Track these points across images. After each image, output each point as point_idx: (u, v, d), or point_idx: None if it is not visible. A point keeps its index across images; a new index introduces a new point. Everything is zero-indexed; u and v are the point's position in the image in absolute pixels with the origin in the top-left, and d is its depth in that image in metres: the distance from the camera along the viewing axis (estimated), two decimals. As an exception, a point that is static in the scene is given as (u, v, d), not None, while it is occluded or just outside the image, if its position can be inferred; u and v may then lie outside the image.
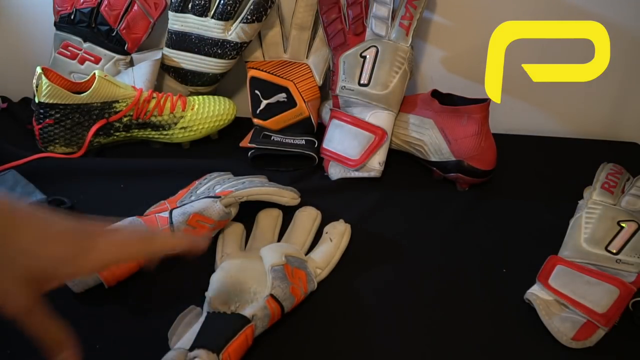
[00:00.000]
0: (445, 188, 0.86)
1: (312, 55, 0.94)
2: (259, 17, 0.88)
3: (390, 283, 0.68)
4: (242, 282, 0.61)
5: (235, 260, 0.65)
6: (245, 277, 0.62)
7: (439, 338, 0.61)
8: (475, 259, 0.73)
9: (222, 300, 0.59)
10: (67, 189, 0.79)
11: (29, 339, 0.43)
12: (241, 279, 0.62)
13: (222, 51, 0.91)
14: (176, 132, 0.89)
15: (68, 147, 0.86)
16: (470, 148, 0.82)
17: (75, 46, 0.94)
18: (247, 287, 0.61)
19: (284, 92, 0.91)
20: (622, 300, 0.64)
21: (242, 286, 0.61)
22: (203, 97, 0.93)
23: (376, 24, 0.88)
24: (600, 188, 0.77)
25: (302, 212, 0.76)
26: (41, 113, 0.83)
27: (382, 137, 0.85)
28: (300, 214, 0.75)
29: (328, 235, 0.72)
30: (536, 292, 0.65)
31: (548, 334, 0.62)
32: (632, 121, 1.03)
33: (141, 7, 0.92)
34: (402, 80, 0.87)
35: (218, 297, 0.59)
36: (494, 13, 0.92)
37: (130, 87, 0.86)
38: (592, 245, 0.69)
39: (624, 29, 0.93)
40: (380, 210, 0.81)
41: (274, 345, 0.59)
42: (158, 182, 0.82)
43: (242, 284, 0.61)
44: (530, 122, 1.03)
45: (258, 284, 0.61)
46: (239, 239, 0.71)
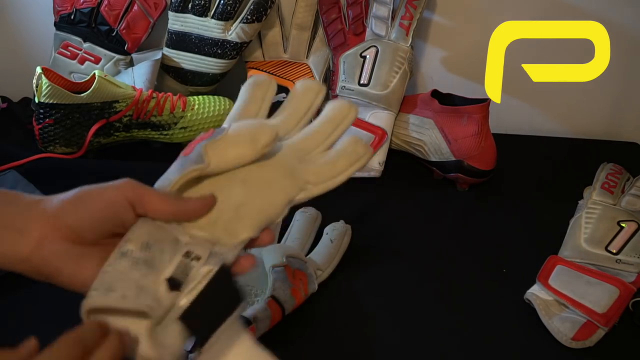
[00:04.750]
0: (445, 188, 0.86)
1: (312, 55, 0.94)
2: (259, 17, 0.88)
3: (391, 284, 0.68)
4: (243, 283, 0.61)
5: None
6: (246, 278, 0.62)
7: (439, 338, 0.61)
8: (475, 259, 0.73)
9: (222, 301, 0.59)
10: (67, 189, 0.78)
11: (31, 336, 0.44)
12: (242, 280, 0.62)
13: (222, 51, 0.90)
14: (176, 132, 0.89)
15: (68, 147, 0.86)
16: (470, 148, 0.82)
17: (75, 46, 0.94)
18: (248, 289, 0.61)
19: (284, 92, 0.91)
20: (622, 300, 0.64)
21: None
22: (203, 97, 0.92)
23: (376, 24, 0.88)
24: (600, 188, 0.77)
25: (302, 212, 0.76)
26: (41, 113, 0.83)
27: (382, 137, 0.85)
28: (300, 215, 0.75)
29: (328, 236, 0.72)
30: (536, 292, 0.66)
31: (548, 334, 0.62)
32: (632, 121, 1.03)
33: (141, 7, 0.92)
34: (402, 80, 0.87)
35: (219, 297, 0.59)
36: (494, 13, 0.92)
37: (130, 87, 0.86)
38: (592, 245, 0.69)
39: (624, 29, 0.93)
40: (380, 210, 0.81)
41: (274, 346, 0.59)
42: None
43: (242, 285, 0.61)
44: (530, 122, 1.03)
45: (259, 285, 0.61)
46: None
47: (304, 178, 0.47)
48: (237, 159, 0.45)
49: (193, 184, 0.45)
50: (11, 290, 0.62)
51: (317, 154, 0.49)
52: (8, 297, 0.63)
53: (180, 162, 0.46)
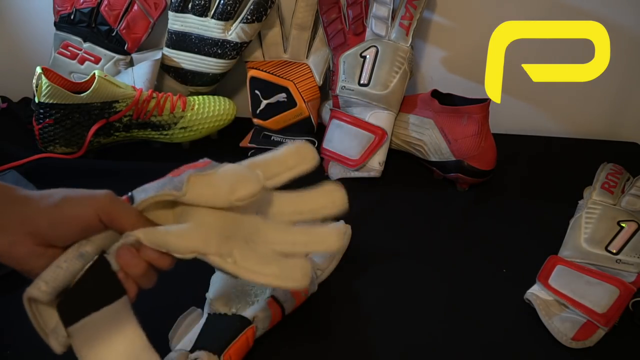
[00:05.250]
0: (445, 188, 0.86)
1: (312, 55, 0.94)
2: (259, 17, 0.88)
3: (391, 284, 0.68)
4: (243, 283, 0.61)
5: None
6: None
7: (439, 338, 0.61)
8: (475, 259, 0.73)
9: (222, 301, 0.59)
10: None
11: (29, 340, 0.44)
12: (242, 281, 0.62)
13: (222, 51, 0.90)
14: (176, 132, 0.89)
15: (68, 147, 0.86)
16: (470, 148, 0.82)
17: (75, 46, 0.94)
18: (248, 289, 0.61)
19: (284, 92, 0.91)
20: (622, 300, 0.64)
21: (242, 287, 0.61)
22: (203, 97, 0.92)
23: (376, 24, 0.88)
24: (600, 188, 0.77)
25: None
26: (41, 113, 0.83)
27: (382, 137, 0.85)
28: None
29: (328, 236, 0.72)
30: (536, 292, 0.66)
31: (548, 334, 0.62)
32: (632, 121, 1.03)
33: (141, 7, 0.92)
34: (402, 80, 0.87)
35: (219, 298, 0.59)
36: (494, 13, 0.92)
37: (130, 87, 0.86)
38: (592, 245, 0.69)
39: (624, 29, 0.93)
40: (380, 210, 0.81)
41: (275, 346, 0.59)
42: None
43: (242, 285, 0.61)
44: (530, 122, 1.03)
45: (259, 286, 0.61)
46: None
47: (231, 250, 0.45)
48: (209, 200, 0.46)
49: (168, 203, 0.47)
50: (11, 289, 0.62)
51: (266, 244, 0.47)
52: (8, 297, 0.62)
53: (165, 181, 0.48)
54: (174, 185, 0.46)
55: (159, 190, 0.46)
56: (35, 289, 0.41)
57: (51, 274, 0.42)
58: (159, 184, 0.48)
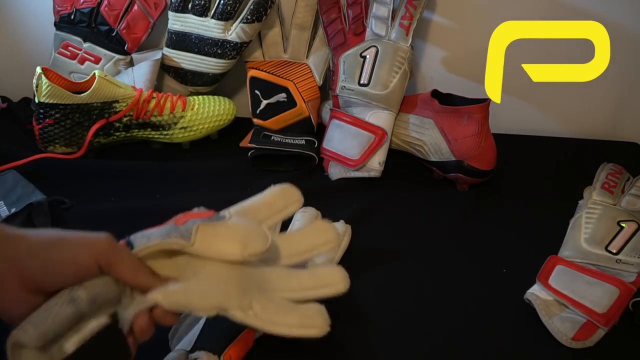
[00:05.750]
0: (445, 188, 0.86)
1: (312, 55, 0.94)
2: (259, 17, 0.88)
3: (391, 283, 0.68)
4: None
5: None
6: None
7: (439, 338, 0.61)
8: (475, 259, 0.73)
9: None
10: (67, 189, 0.79)
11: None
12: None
13: (222, 51, 0.90)
14: (176, 132, 0.89)
15: (68, 147, 0.86)
16: (470, 148, 0.82)
17: (75, 46, 0.94)
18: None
19: (284, 92, 0.91)
20: (622, 300, 0.64)
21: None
22: (203, 97, 0.93)
23: (376, 24, 0.88)
24: (600, 188, 0.77)
25: (302, 212, 0.76)
26: (41, 113, 0.83)
27: (382, 137, 0.85)
28: (300, 215, 0.75)
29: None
30: (536, 292, 0.66)
31: (548, 334, 0.62)
32: (632, 121, 1.03)
33: (141, 7, 0.92)
34: (402, 80, 0.87)
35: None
36: (494, 13, 0.92)
37: (130, 87, 0.86)
38: (592, 245, 0.69)
39: (624, 29, 0.93)
40: (380, 210, 0.81)
41: (275, 346, 0.59)
42: (158, 182, 0.82)
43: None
44: (530, 122, 1.03)
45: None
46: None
47: (250, 302, 0.46)
48: (220, 253, 0.46)
49: (167, 251, 0.46)
50: None
51: (276, 292, 0.48)
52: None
53: (169, 228, 0.46)
54: (181, 234, 0.45)
55: (165, 238, 0.45)
56: (22, 332, 0.38)
57: (40, 317, 0.39)
58: (163, 230, 0.46)
